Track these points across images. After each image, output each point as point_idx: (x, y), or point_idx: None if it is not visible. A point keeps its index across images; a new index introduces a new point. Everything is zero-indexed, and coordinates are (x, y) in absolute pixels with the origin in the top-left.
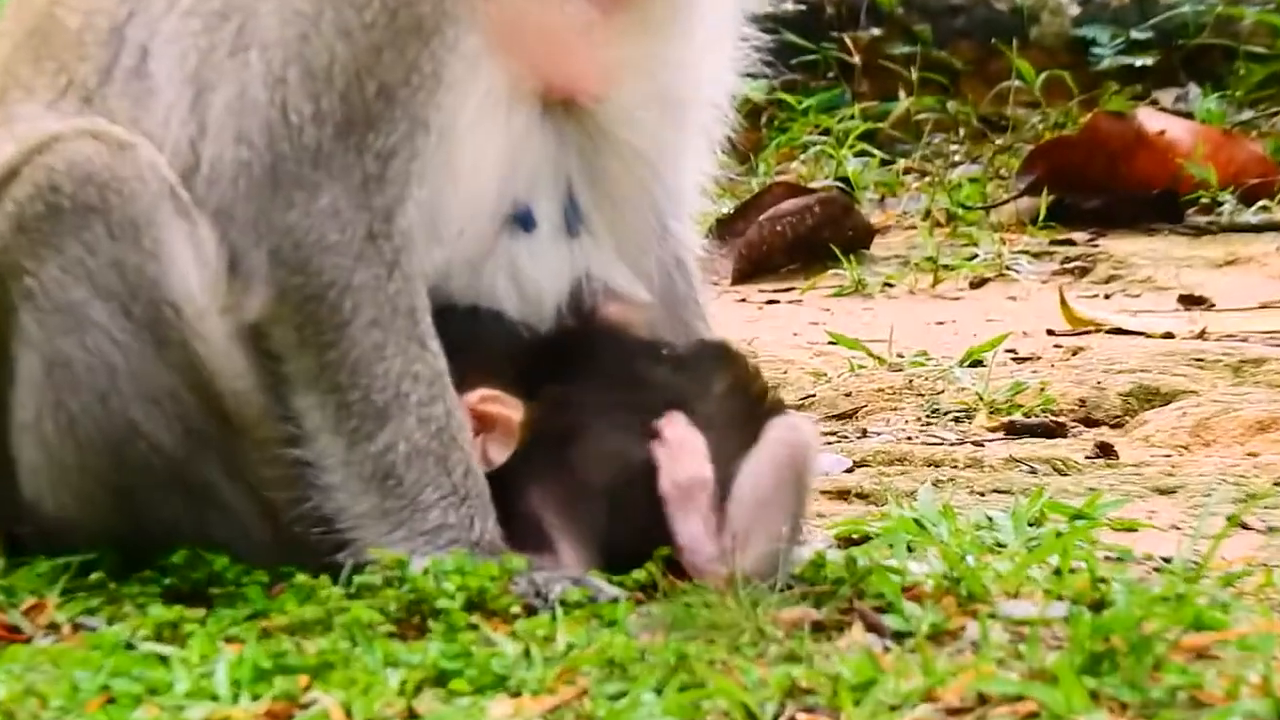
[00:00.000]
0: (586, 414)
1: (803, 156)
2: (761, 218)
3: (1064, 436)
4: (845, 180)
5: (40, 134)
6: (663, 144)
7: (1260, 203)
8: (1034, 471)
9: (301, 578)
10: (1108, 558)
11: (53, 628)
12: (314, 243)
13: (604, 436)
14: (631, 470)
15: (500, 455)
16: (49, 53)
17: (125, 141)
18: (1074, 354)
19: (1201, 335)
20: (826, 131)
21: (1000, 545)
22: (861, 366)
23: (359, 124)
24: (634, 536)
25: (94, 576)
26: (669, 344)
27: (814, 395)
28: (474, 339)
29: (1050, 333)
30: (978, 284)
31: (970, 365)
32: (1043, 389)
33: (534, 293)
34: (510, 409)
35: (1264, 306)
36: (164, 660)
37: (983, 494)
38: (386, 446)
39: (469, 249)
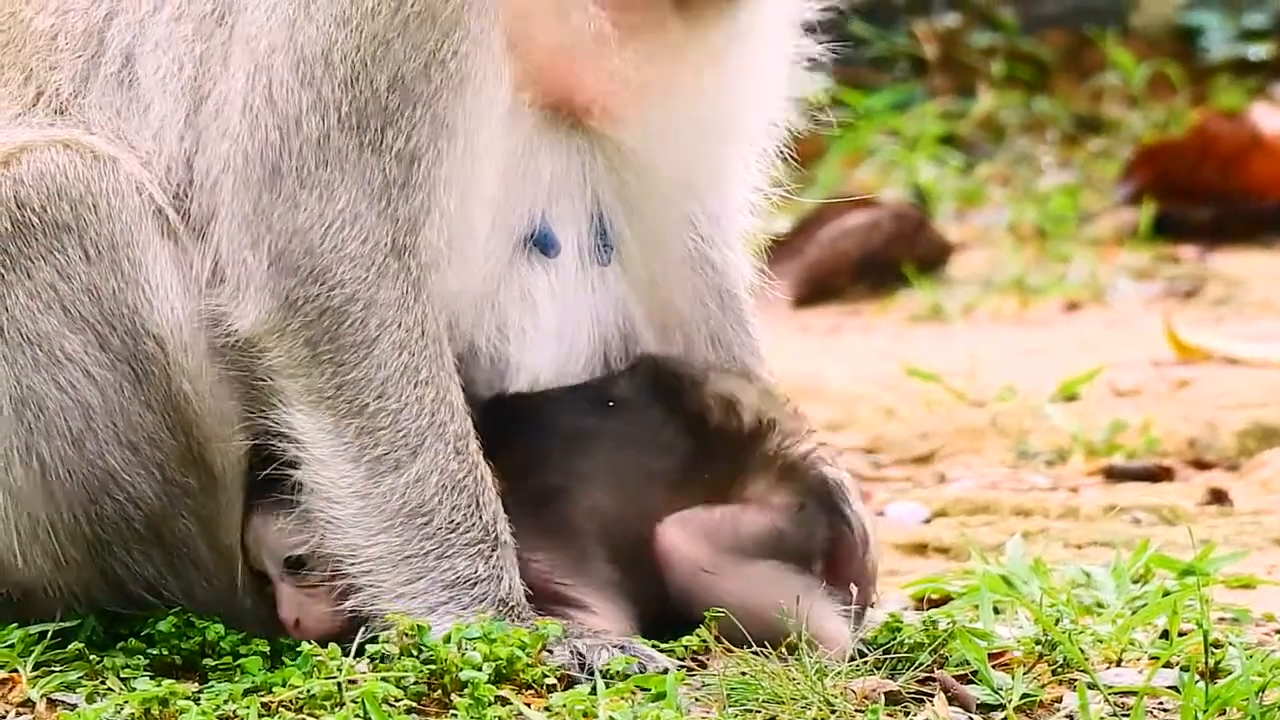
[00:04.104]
0: (565, 484)
1: (869, 163)
2: (823, 235)
3: (1171, 481)
4: (918, 190)
5: (6, 145)
6: (700, 165)
7: None
8: (1138, 521)
9: (307, 646)
10: (1222, 619)
11: (26, 705)
12: (331, 250)
13: (588, 495)
14: (627, 525)
15: None
16: (13, 59)
17: (103, 153)
18: (1182, 387)
19: None
20: (896, 134)
21: (1100, 605)
22: (939, 403)
23: (373, 118)
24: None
25: (72, 647)
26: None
27: (885, 436)
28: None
29: (1155, 363)
30: (1071, 308)
31: (1064, 401)
32: (1146, 427)
33: (552, 331)
34: None
35: None
36: None
37: (1079, 547)
38: (418, 477)
39: (484, 274)
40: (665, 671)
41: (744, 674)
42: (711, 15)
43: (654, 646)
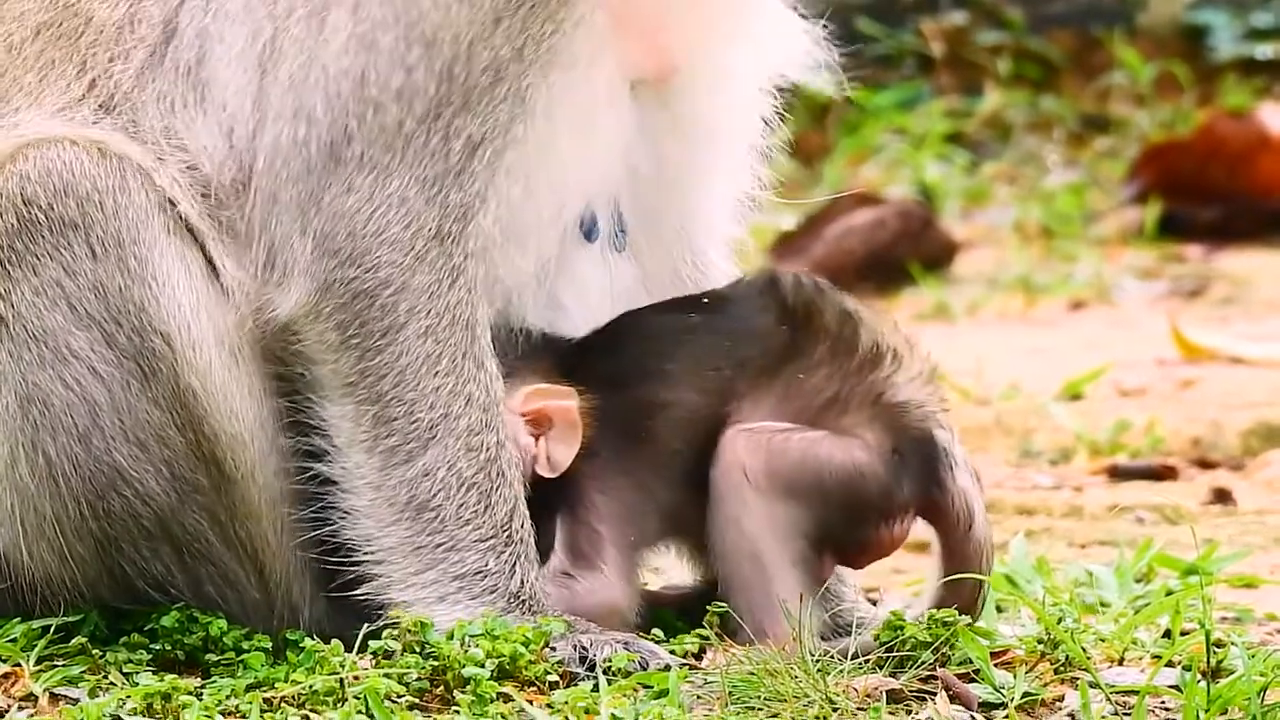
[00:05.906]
0: (648, 389)
1: (876, 161)
2: (829, 232)
3: (1175, 480)
4: (924, 188)
5: (15, 140)
6: (699, 164)
7: None
8: (1141, 520)
9: (310, 642)
10: (1225, 618)
11: (29, 699)
12: (373, 233)
13: (670, 392)
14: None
15: (567, 454)
16: (67, 53)
17: (109, 148)
18: (1186, 386)
19: None
20: (902, 132)
21: (1103, 604)
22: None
23: (454, 100)
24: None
25: (75, 641)
26: (706, 293)
27: None
28: (501, 352)
29: (1160, 363)
30: (1076, 307)
31: (1068, 400)
32: (1151, 427)
33: (592, 313)
34: (563, 398)
35: None
36: None
37: (1083, 546)
38: (426, 471)
39: (539, 258)
40: (668, 668)
41: (746, 672)
42: None
43: (656, 641)
